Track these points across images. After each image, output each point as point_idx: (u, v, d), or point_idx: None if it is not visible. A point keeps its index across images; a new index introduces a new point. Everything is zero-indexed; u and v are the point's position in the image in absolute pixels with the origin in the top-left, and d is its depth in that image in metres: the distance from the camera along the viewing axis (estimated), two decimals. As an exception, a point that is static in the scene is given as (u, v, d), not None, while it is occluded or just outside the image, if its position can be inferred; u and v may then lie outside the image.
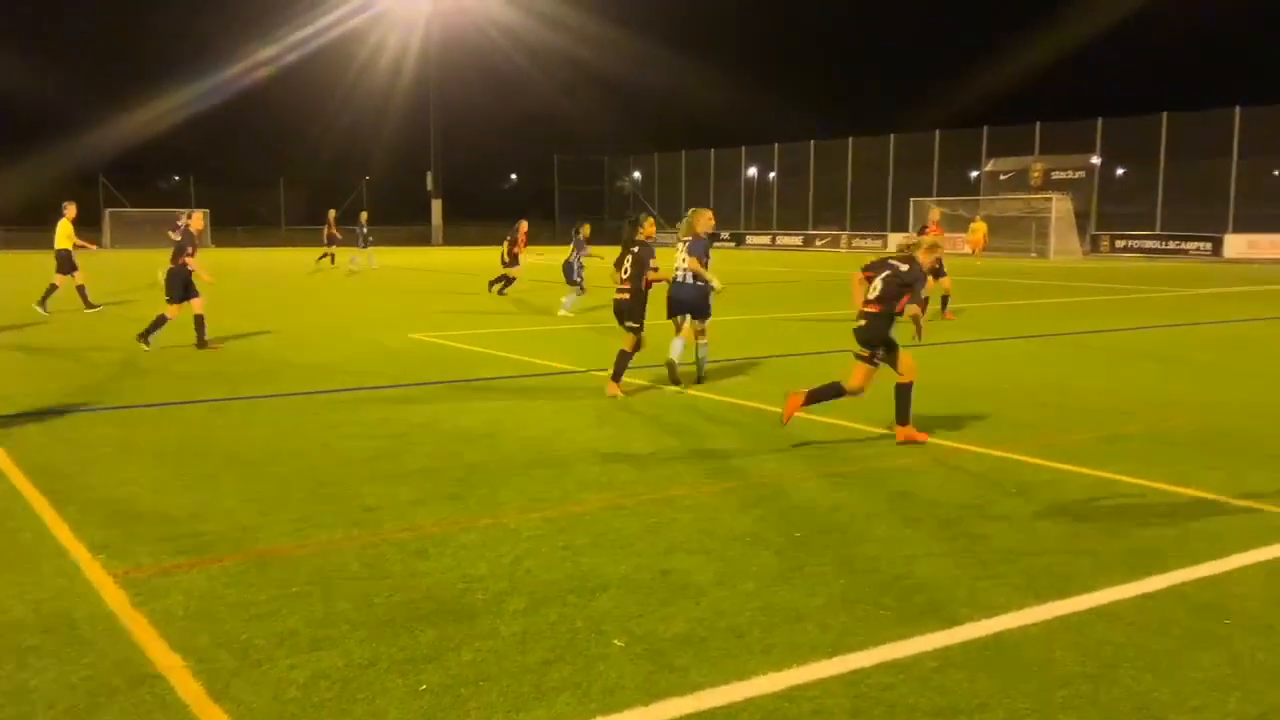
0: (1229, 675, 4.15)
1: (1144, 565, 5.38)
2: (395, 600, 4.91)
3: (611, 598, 4.95)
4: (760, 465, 7.58)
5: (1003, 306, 21.78)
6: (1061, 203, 47.67)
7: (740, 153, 69.23)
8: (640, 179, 77.59)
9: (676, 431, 8.72)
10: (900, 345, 8.42)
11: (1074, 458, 7.72)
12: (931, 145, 57.28)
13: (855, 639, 4.47)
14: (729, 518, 6.25)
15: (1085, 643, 4.43)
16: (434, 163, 64.70)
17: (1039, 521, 6.18)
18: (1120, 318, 18.97)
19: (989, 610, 4.78)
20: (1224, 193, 45.52)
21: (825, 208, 63.16)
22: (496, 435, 8.58)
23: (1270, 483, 7.02)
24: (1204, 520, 6.20)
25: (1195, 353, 14.19)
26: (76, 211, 19.48)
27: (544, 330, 16.83)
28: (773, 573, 5.31)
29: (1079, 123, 51.19)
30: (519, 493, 6.80)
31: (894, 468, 7.52)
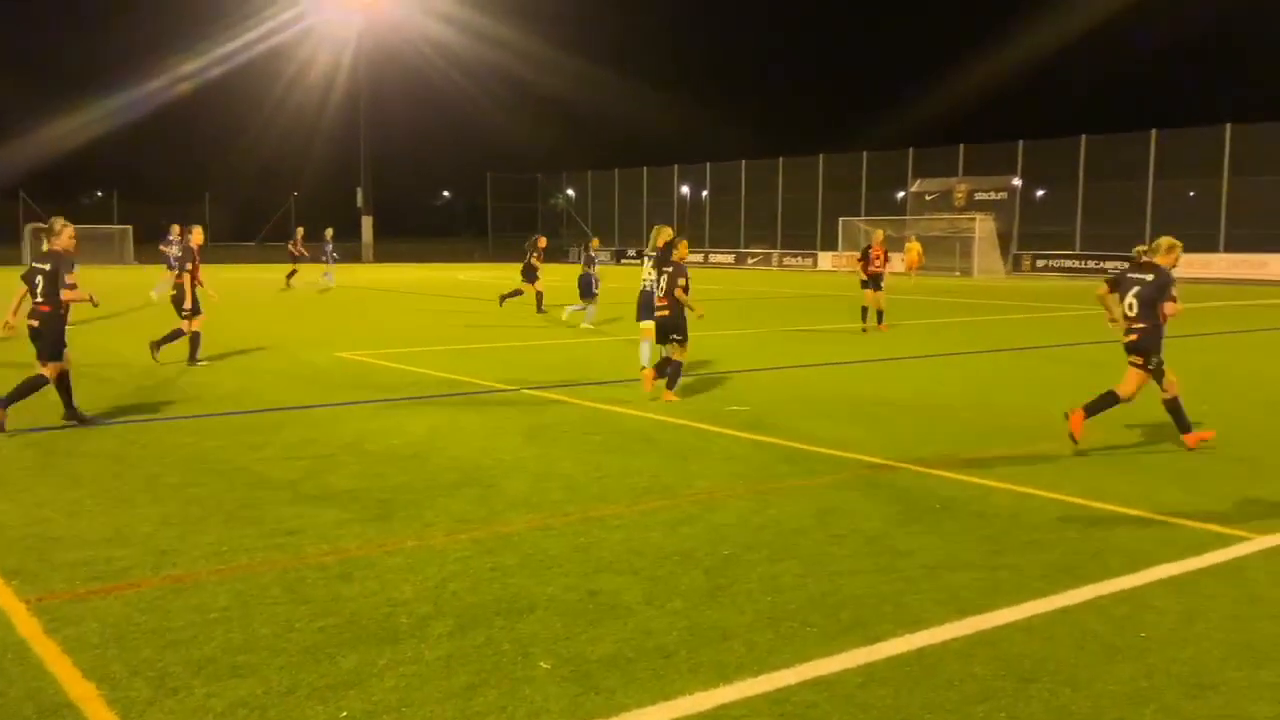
0: (1145, 688, 4.24)
1: (1062, 580, 5.49)
2: (317, 625, 4.83)
3: (539, 619, 4.92)
4: (690, 484, 7.59)
5: (927, 324, 22.13)
6: (984, 223, 48.63)
7: (673, 171, 69.64)
8: (574, 196, 77.64)
9: (606, 450, 8.71)
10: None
11: (995, 473, 7.86)
12: (860, 166, 58.19)
13: (781, 657, 4.50)
14: (658, 537, 6.26)
15: (1005, 657, 4.51)
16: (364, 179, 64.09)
17: (961, 537, 6.27)
18: (1040, 335, 19.38)
19: (912, 626, 4.84)
20: (1140, 213, 46.78)
21: (757, 226, 63.77)
22: (424, 455, 8.49)
23: (1183, 497, 7.21)
24: (1120, 534, 6.35)
25: (1111, 370, 14.50)
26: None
27: (475, 348, 16.73)
28: (701, 591, 5.32)
29: (1001, 145, 52.38)
30: (446, 513, 6.73)
31: (821, 485, 7.59)
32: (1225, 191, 45.10)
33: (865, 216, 54.26)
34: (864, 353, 16.16)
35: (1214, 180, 45.58)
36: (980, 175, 52.20)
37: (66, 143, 65.71)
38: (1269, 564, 5.82)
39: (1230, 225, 42.88)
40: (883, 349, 16.64)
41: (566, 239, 73.38)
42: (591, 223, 72.15)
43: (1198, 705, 4.08)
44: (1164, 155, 47.05)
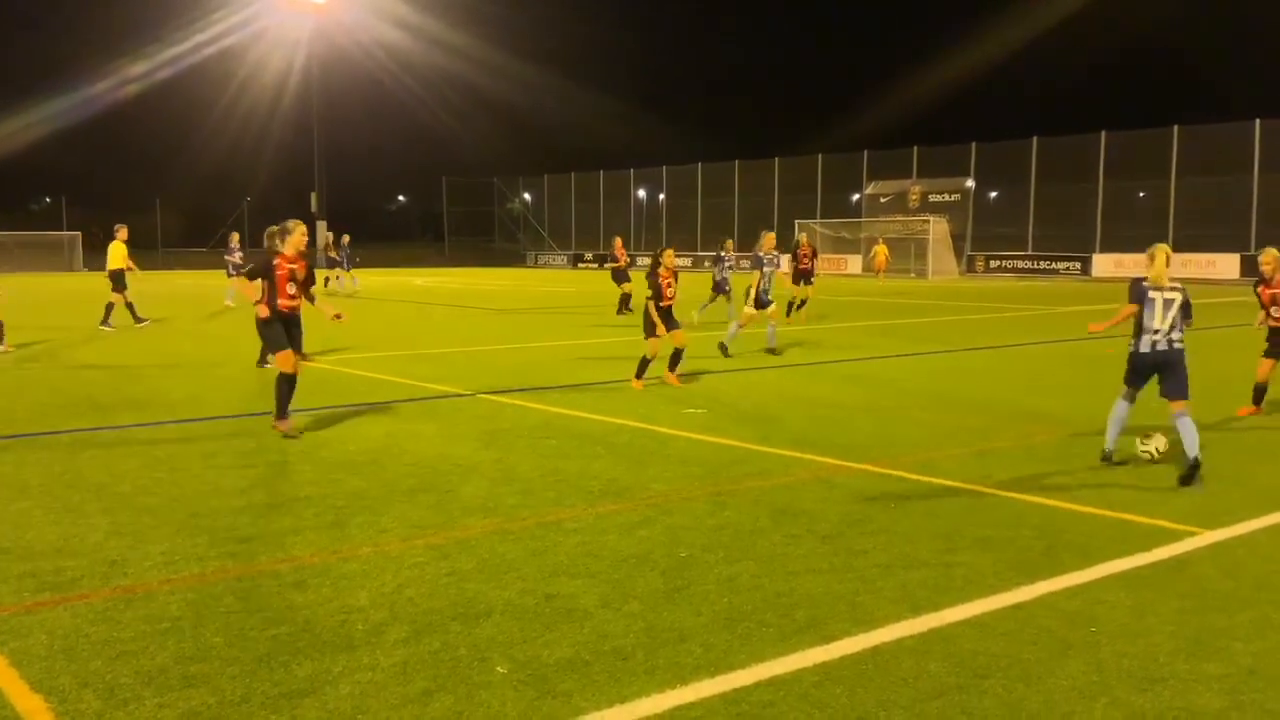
0: (1096, 682, 4.30)
1: (1015, 576, 5.55)
2: (270, 634, 4.78)
3: (495, 624, 4.90)
4: (647, 486, 7.60)
5: (882, 325, 22.31)
6: (939, 224, 49.16)
7: (629, 175, 69.73)
8: (530, 200, 77.51)
9: (564, 454, 8.70)
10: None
11: (948, 472, 7.94)
12: (815, 169, 58.59)
13: (738, 657, 4.51)
14: (615, 539, 6.26)
15: (959, 654, 4.55)
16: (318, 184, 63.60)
17: (916, 535, 6.33)
18: (992, 335, 19.61)
19: (867, 624, 4.88)
20: (1091, 214, 47.55)
21: (713, 229, 63.98)
22: (380, 461, 8.44)
23: (1130, 493, 7.33)
24: (1071, 531, 6.43)
25: (1062, 368, 14.74)
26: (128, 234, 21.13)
27: (431, 353, 16.65)
28: (658, 593, 5.33)
29: (954, 147, 53.02)
30: (402, 519, 6.69)
31: (777, 485, 7.63)
32: (1173, 192, 45.91)
33: (821, 219, 54.65)
34: (819, 355, 16.27)
35: (1162, 181, 46.40)
36: (934, 177, 52.79)
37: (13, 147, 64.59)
38: (1217, 559, 5.92)
39: (1178, 225, 43.63)
40: (837, 351, 16.75)
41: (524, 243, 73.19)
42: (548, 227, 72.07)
43: (1147, 698, 4.14)
44: (1113, 157, 47.86)
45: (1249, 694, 4.17)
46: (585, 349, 17.47)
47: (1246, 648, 4.63)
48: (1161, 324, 7.98)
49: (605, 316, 24.70)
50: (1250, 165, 44.01)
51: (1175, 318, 8.01)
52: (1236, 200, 43.72)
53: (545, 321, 24.04)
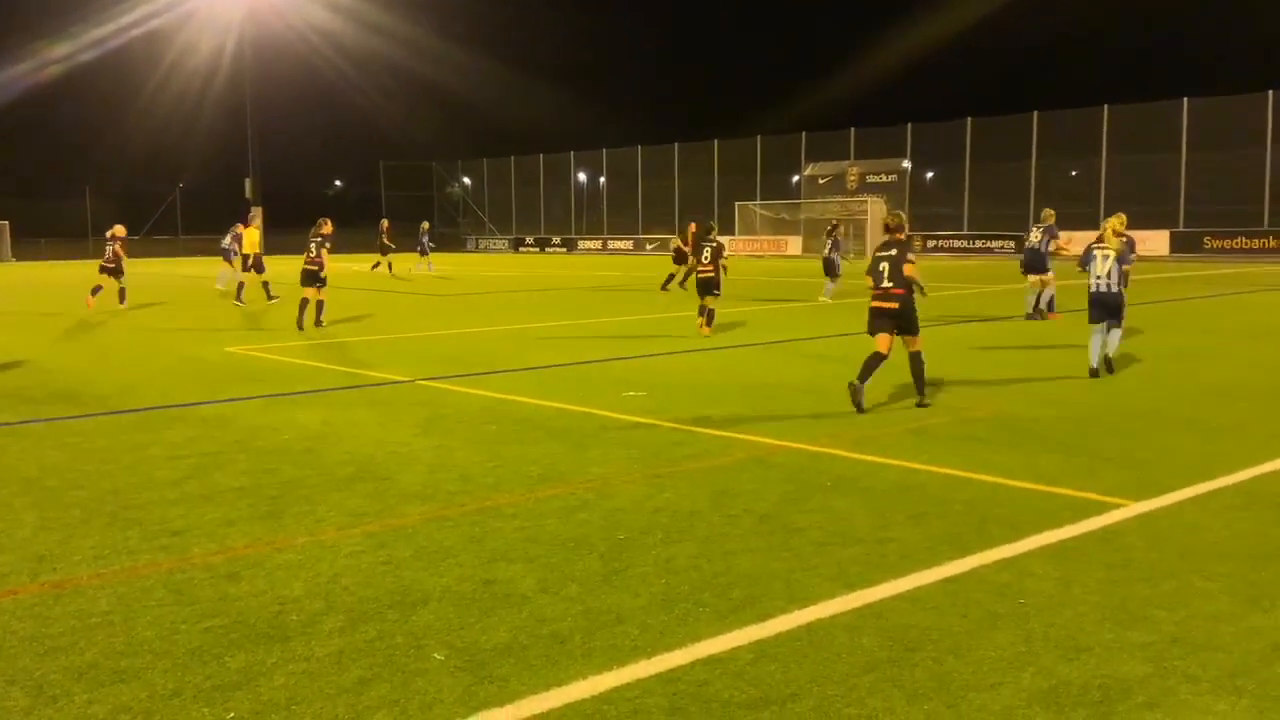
0: (1023, 653, 4.39)
1: (946, 551, 5.65)
2: (203, 627, 4.72)
3: (432, 611, 4.89)
4: (585, 470, 7.61)
5: (815, 306, 22.47)
6: (876, 205, 49.58)
7: (569, 158, 69.48)
8: (470, 184, 76.95)
9: (503, 440, 8.68)
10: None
11: (884, 450, 8.05)
12: (754, 151, 58.80)
13: (675, 637, 4.55)
14: (554, 524, 6.26)
15: (891, 628, 4.63)
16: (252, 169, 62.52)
17: (851, 513, 6.41)
18: (928, 314, 19.85)
19: (803, 602, 4.94)
20: (1025, 193, 48.28)
21: (655, 212, 64.04)
22: (316, 449, 8.35)
23: (1060, 467, 7.48)
24: (1001, 505, 6.56)
25: (996, 347, 14.98)
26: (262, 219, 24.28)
27: (369, 340, 16.48)
28: (596, 576, 5.35)
29: (891, 128, 53.51)
30: (338, 508, 6.64)
31: (715, 466, 7.68)
32: (1104, 170, 46.77)
33: (761, 200, 54.91)
34: (758, 335, 16.37)
35: (1093, 160, 47.26)
36: (872, 159, 53.24)
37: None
38: (1142, 529, 6.07)
39: (1109, 203, 44.42)
40: (777, 331, 16.87)
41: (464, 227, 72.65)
42: (489, 211, 71.63)
43: (1073, 667, 4.24)
44: (1045, 136, 48.64)
45: (1172, 661, 4.28)
46: (526, 333, 17.42)
47: (1170, 616, 4.75)
48: (1101, 272, 11.50)
49: (544, 299, 24.66)
50: (1179, 144, 44.95)
51: (1112, 268, 11.40)
52: (1165, 178, 44.66)
53: (485, 306, 23.91)
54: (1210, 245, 42.61)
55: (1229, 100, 44.03)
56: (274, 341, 16.06)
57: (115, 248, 22.65)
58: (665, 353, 14.46)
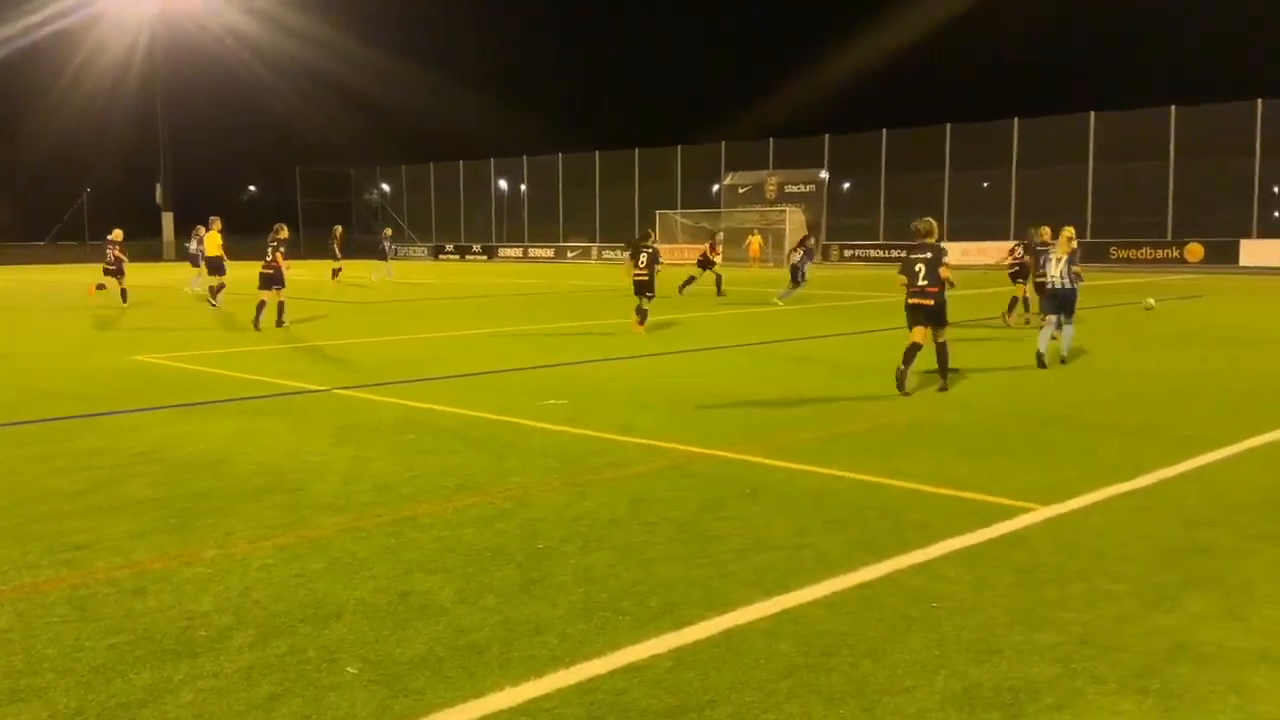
0: (937, 656, 4.45)
1: (862, 556, 5.72)
2: (108, 643, 4.58)
3: (346, 624, 4.80)
4: (504, 479, 7.55)
5: (737, 315, 22.66)
6: (795, 215, 50.21)
7: (489, 165, 69.12)
8: (389, 191, 76.09)
9: (420, 449, 8.58)
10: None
11: (801, 457, 8.13)
12: (674, 159, 59.14)
13: (593, 647, 4.53)
14: (471, 533, 6.20)
15: (808, 634, 4.66)
16: (163, 174, 61.14)
17: (769, 520, 6.45)
18: (844, 323, 20.14)
19: (721, 608, 4.95)
20: (938, 203, 49.26)
21: (576, 220, 64.03)
22: (227, 460, 8.17)
23: (971, 472, 7.63)
24: (916, 510, 6.66)
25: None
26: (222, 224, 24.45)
27: (284, 348, 16.19)
28: (514, 586, 5.31)
29: (808, 139, 54.26)
30: (250, 520, 6.49)
31: (635, 474, 7.68)
32: (1014, 182, 47.95)
33: (681, 209, 55.20)
34: (677, 344, 16.44)
35: (1004, 171, 48.43)
36: (790, 168, 53.89)
37: None
38: (1050, 533, 6.21)
39: (1019, 213, 45.51)
40: (697, 339, 16.95)
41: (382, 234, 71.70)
42: (407, 217, 70.94)
43: (984, 670, 4.31)
44: (958, 149, 49.74)
45: (1080, 662, 4.38)
46: (445, 341, 17.27)
47: (1078, 618, 4.86)
48: (1054, 272, 13.32)
49: (464, 307, 24.49)
50: (1086, 156, 46.27)
51: (1063, 269, 13.15)
52: (1073, 190, 45.91)
53: (405, 314, 23.65)
54: (1116, 255, 43.89)
55: (1133, 115, 45.48)
56: (186, 350, 15.68)
57: (115, 251, 24.70)
58: (586, 360, 14.44)
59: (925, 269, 11.00)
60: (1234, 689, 4.12)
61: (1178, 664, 4.35)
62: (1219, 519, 6.45)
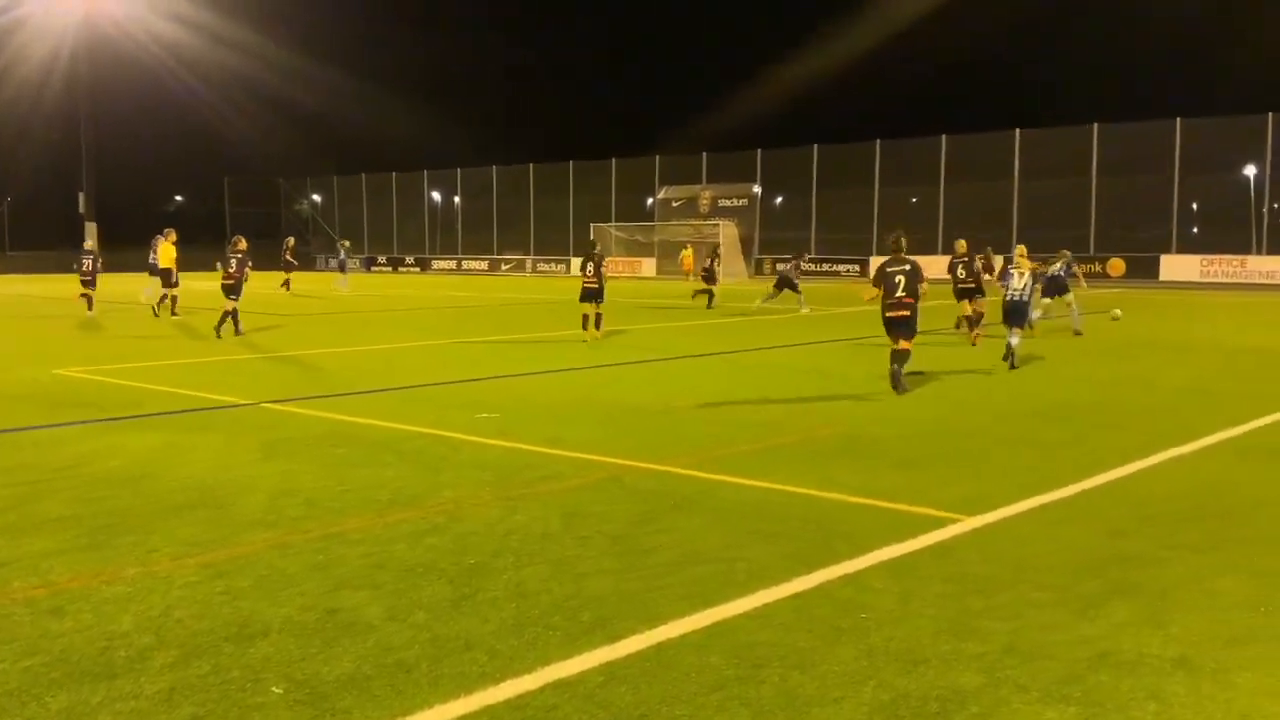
0: (865, 666, 4.49)
1: (793, 568, 5.75)
2: (22, 666, 4.44)
3: (272, 642, 4.71)
4: (437, 493, 7.49)
5: (672, 328, 22.74)
6: (728, 228, 50.56)
7: (423, 176, 68.64)
8: (320, 202, 75.18)
9: (350, 463, 8.46)
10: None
11: (735, 469, 8.16)
12: (609, 173, 59.25)
13: (524, 662, 4.49)
14: (402, 549, 6.13)
15: (739, 646, 4.68)
16: (86, 183, 59.67)
17: (702, 532, 6.47)
18: (779, 335, 20.30)
19: (653, 622, 4.95)
20: (869, 218, 49.96)
21: (510, 232, 63.82)
22: (151, 476, 7.98)
23: (900, 484, 7.72)
24: (845, 522, 6.72)
25: (840, 366, 15.39)
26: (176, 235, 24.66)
27: (211, 361, 15.89)
28: (445, 602, 5.25)
29: (741, 154, 54.74)
30: (173, 538, 6.35)
31: (568, 488, 7.65)
32: (942, 197, 48.78)
33: (616, 222, 55.30)
34: (611, 357, 16.44)
35: (933, 188, 49.25)
36: (723, 183, 54.30)
37: None
38: (977, 543, 6.31)
39: (947, 229, 46.30)
40: (632, 352, 16.97)
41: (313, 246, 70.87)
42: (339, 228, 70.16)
43: (911, 679, 4.36)
44: (887, 165, 50.52)
45: (1005, 671, 4.45)
46: (377, 354, 17.09)
47: (1003, 627, 4.94)
48: (1017, 286, 14.72)
49: (398, 319, 24.27)
50: (1011, 172, 47.23)
51: (1026, 284, 14.78)
52: (1000, 205, 46.81)
53: (336, 326, 23.36)
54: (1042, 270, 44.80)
55: (1058, 132, 46.56)
56: (111, 363, 15.31)
57: (90, 261, 25.61)
58: (521, 373, 14.38)
59: (905, 281, 11.91)
60: (1154, 696, 4.21)
61: (1099, 672, 4.44)
62: (1139, 528, 6.60)
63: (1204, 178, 44.36)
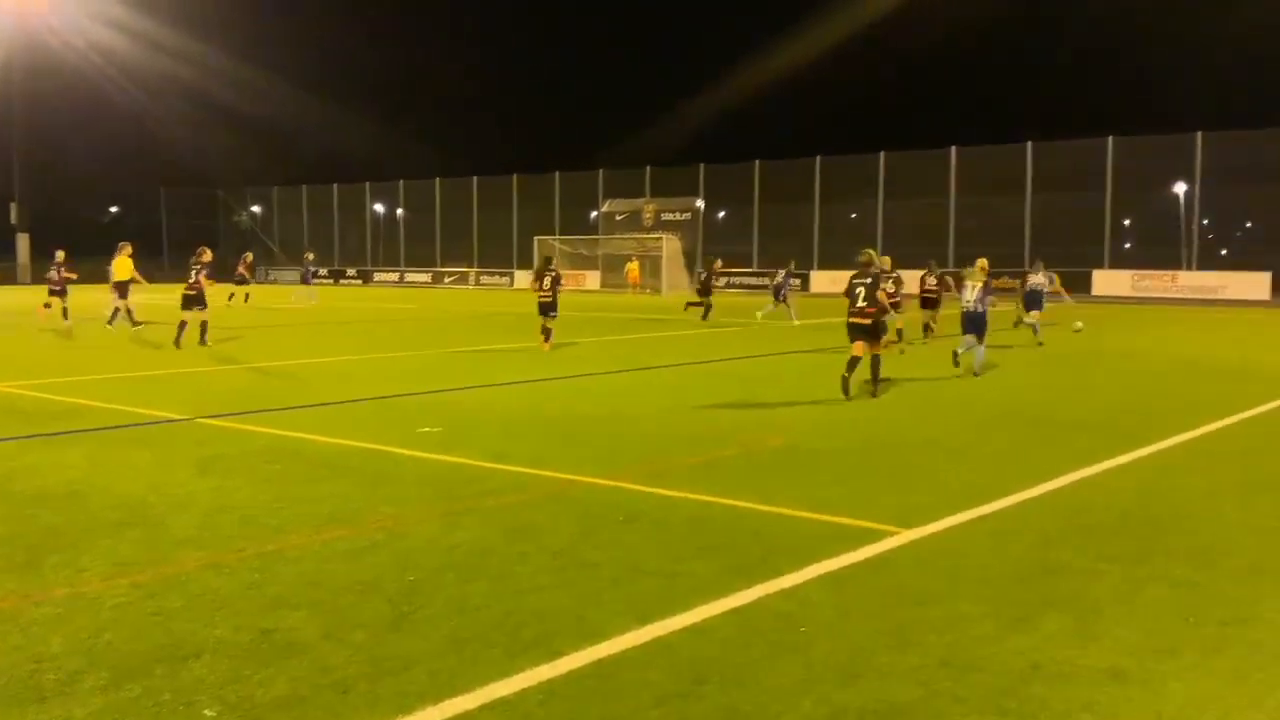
0: (804, 680, 4.52)
1: (734, 582, 5.78)
2: (-56, 691, 4.32)
3: (205, 664, 4.63)
4: (376, 509, 7.41)
5: (616, 341, 22.76)
6: (671, 242, 50.76)
7: (365, 188, 68.08)
8: (259, 213, 74.25)
9: (289, 479, 8.36)
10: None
11: (677, 483, 8.18)
12: (553, 186, 59.25)
13: (463, 681, 4.46)
14: (341, 566, 6.06)
15: (679, 661, 4.69)
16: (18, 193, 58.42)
17: (644, 547, 6.47)
18: (722, 349, 20.39)
19: (594, 638, 4.94)
20: (809, 233, 50.48)
21: (454, 245, 63.51)
22: (82, 493, 7.81)
23: (840, 496, 7.79)
24: (786, 535, 6.77)
25: (784, 379, 15.51)
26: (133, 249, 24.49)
27: (147, 375, 15.59)
28: (384, 621, 5.20)
29: (684, 169, 55.07)
30: (104, 557, 6.22)
31: (511, 503, 7.62)
32: (881, 213, 49.43)
33: (560, 235, 55.28)
34: (555, 370, 16.40)
35: (871, 203, 49.90)
36: (666, 196, 54.55)
37: None
38: (914, 555, 6.38)
39: (886, 244, 46.85)
40: (572, 366, 16.94)
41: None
42: (279, 240, 69.31)
43: (851, 693, 4.40)
44: (828, 181, 51.12)
45: (941, 684, 4.50)
46: (317, 368, 16.89)
47: (940, 639, 5.00)
48: (970, 298, 15.46)
49: (339, 332, 24.02)
50: (948, 189, 47.98)
51: (979, 295, 15.38)
52: (937, 221, 47.53)
53: (275, 339, 23.05)
54: (947, 287, 45.56)
55: (993, 150, 47.39)
56: (45, 377, 14.97)
57: (59, 271, 25.56)
58: (464, 386, 14.29)
59: (865, 292, 12.89)
60: (1086, 708, 4.28)
61: (1033, 684, 4.51)
62: (1072, 540, 6.72)
63: (1136, 195, 45.39)
